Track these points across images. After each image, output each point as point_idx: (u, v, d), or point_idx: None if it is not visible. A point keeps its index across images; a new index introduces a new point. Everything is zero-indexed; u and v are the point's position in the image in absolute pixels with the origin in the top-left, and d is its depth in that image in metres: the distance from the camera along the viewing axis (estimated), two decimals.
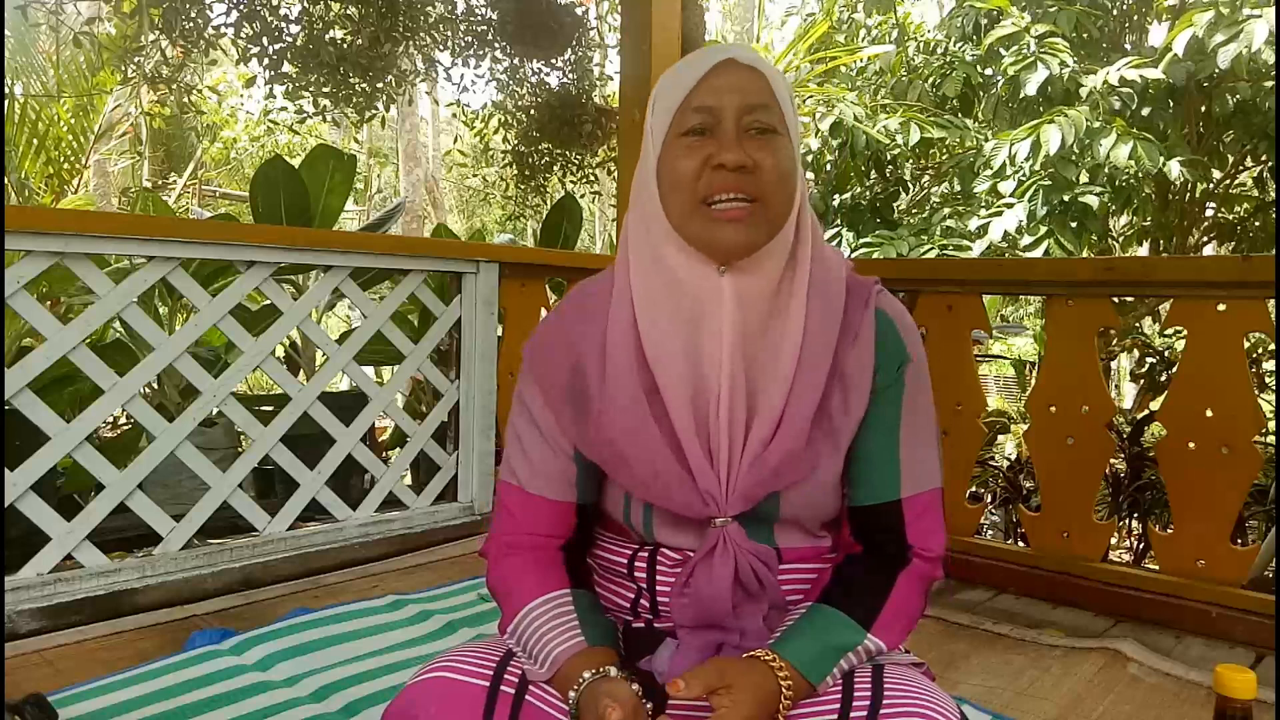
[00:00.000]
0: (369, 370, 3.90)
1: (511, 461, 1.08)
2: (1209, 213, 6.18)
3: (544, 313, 3.21)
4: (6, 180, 5.96)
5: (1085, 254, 5.26)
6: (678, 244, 0.98)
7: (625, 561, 1.07)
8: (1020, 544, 3.14)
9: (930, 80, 6.01)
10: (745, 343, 0.97)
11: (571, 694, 0.92)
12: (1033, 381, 6.76)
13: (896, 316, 1.04)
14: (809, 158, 5.79)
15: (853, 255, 5.49)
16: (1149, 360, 5.60)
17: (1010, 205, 5.05)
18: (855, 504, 1.03)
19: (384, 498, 2.80)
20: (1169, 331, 5.38)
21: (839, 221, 5.95)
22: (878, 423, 1.01)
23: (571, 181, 5.37)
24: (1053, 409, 2.53)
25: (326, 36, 4.53)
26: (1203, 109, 5.49)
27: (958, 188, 6.04)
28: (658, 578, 1.04)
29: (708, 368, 0.97)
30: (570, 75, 5.21)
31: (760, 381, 0.97)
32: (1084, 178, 4.99)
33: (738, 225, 0.95)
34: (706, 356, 0.97)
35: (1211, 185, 5.87)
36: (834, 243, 5.72)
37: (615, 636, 1.03)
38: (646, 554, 1.05)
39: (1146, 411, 5.29)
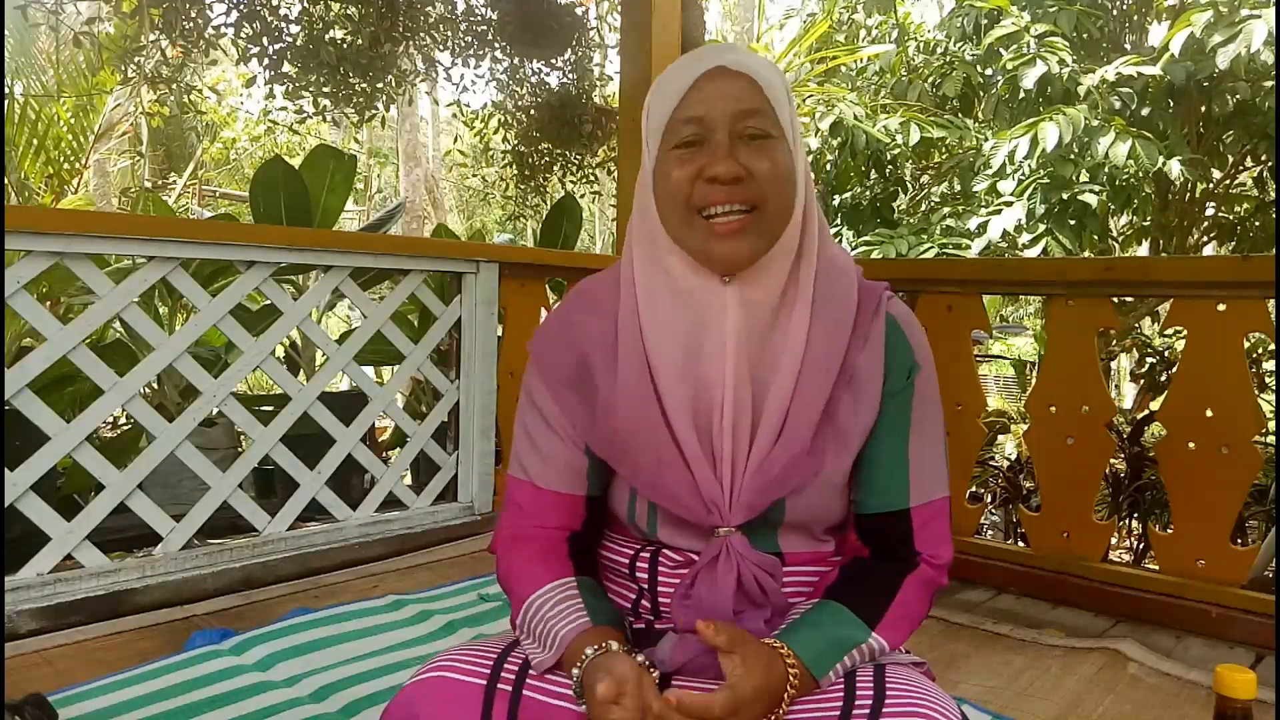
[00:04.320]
0: (369, 370, 3.90)
1: (520, 456, 1.08)
2: (1209, 213, 6.17)
3: (544, 313, 3.22)
4: (6, 180, 5.96)
5: (1085, 253, 5.26)
6: (680, 255, 0.98)
7: (627, 562, 1.07)
8: (1020, 544, 3.13)
9: (930, 80, 6.01)
10: (749, 350, 0.97)
11: (575, 671, 0.91)
12: (1033, 381, 6.75)
13: (906, 324, 1.04)
14: (809, 157, 5.79)
15: (852, 254, 5.49)
16: (1149, 360, 5.59)
17: (1009, 204, 5.05)
18: (863, 511, 1.03)
19: (384, 498, 2.81)
20: (1169, 331, 5.37)
21: (839, 221, 5.96)
22: (887, 430, 1.01)
23: (571, 181, 5.37)
24: (1053, 409, 2.53)
25: (326, 36, 4.52)
26: (1202, 109, 5.49)
27: (957, 187, 6.04)
28: (659, 579, 1.04)
29: (711, 376, 0.97)
30: (570, 75, 5.21)
31: (764, 388, 0.97)
32: (1083, 176, 4.99)
33: (736, 238, 0.94)
34: (709, 365, 0.97)
35: (1211, 185, 5.86)
36: None
37: (622, 619, 1.03)
38: (648, 555, 1.05)
39: (1146, 411, 5.28)
